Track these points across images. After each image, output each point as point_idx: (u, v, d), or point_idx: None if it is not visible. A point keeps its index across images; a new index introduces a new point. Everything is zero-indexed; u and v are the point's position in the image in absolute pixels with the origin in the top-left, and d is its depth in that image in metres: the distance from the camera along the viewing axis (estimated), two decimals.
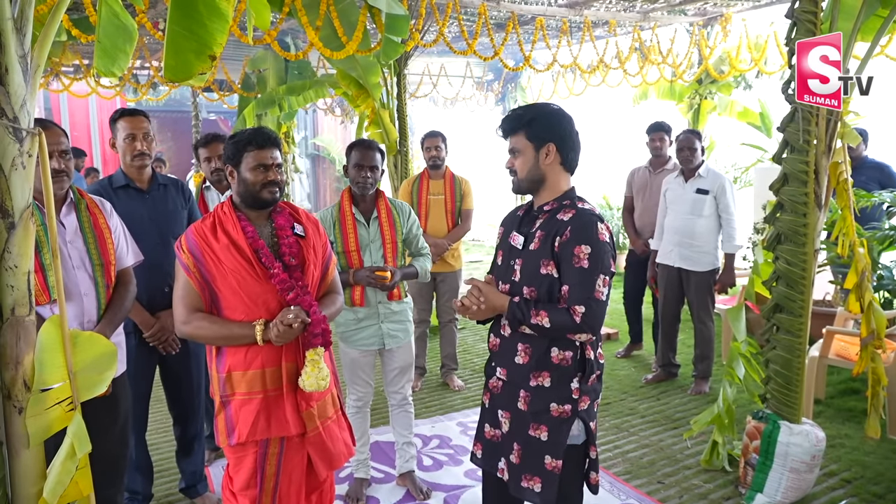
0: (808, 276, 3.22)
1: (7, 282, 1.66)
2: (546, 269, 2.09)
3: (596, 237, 2.03)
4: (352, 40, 5.17)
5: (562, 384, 2.11)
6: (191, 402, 3.32)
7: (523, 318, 2.06)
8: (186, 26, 2.36)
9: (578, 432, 2.14)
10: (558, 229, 2.07)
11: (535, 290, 2.11)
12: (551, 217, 2.13)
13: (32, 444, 1.68)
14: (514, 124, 2.17)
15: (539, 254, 2.11)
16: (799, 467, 3.26)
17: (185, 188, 3.29)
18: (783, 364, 3.30)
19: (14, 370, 1.67)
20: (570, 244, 2.03)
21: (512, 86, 11.51)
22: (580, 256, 2.02)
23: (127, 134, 3.00)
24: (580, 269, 2.02)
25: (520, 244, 2.19)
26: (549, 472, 2.10)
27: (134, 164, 3.03)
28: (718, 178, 4.69)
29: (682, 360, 5.28)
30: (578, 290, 2.01)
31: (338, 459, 2.39)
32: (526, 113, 2.17)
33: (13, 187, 1.65)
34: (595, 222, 2.06)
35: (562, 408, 2.10)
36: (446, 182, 4.96)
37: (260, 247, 2.25)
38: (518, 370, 2.15)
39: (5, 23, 1.60)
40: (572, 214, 2.08)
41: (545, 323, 2.02)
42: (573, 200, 2.15)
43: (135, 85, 9.85)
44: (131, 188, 3.05)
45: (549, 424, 2.11)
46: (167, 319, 3.01)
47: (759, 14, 7.91)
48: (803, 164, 3.16)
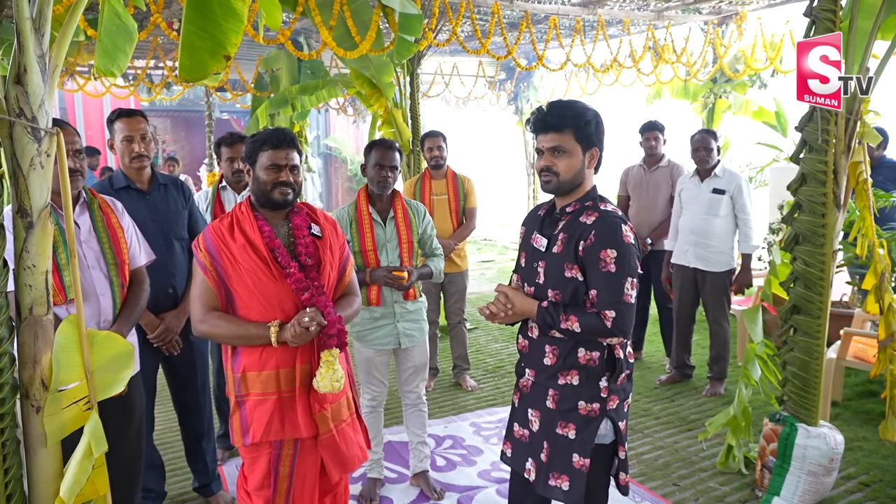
0: (826, 278, 3.19)
1: (25, 281, 1.66)
2: (570, 272, 2.07)
3: (621, 240, 2.01)
4: (365, 40, 5.17)
5: (590, 382, 2.09)
6: (194, 402, 3.31)
7: (553, 323, 2.05)
8: (201, 26, 2.37)
9: (607, 431, 2.12)
10: (582, 233, 2.05)
11: (559, 294, 2.10)
12: (574, 219, 2.10)
13: (50, 443, 1.69)
14: (561, 121, 2.07)
15: (562, 257, 2.08)
16: (817, 470, 3.22)
17: (185, 187, 3.27)
18: (801, 366, 3.26)
19: (32, 369, 1.67)
20: (596, 248, 2.01)
21: (524, 85, 11.48)
22: (607, 260, 2.00)
23: (124, 136, 2.98)
24: (608, 274, 2.00)
25: (542, 246, 2.16)
26: (576, 470, 2.08)
27: (132, 165, 3.02)
28: (735, 178, 4.66)
29: (695, 362, 5.24)
30: (607, 295, 2.00)
31: (351, 463, 2.37)
32: (577, 111, 2.07)
33: (32, 187, 1.66)
34: (619, 224, 2.03)
35: (590, 406, 2.09)
36: (448, 181, 4.93)
37: (276, 246, 2.25)
38: (546, 370, 2.15)
39: (24, 22, 1.61)
40: (595, 217, 2.05)
41: (575, 328, 2.01)
42: (595, 201, 2.12)
43: (149, 85, 9.89)
44: (132, 189, 3.03)
45: (577, 423, 2.10)
46: (171, 321, 3.01)
47: (774, 12, 7.85)
48: (822, 163, 3.12)
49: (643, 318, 5.57)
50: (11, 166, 1.64)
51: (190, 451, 3.38)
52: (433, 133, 5.01)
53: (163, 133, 16.79)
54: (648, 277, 5.28)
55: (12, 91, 1.64)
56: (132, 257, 2.59)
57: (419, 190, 4.93)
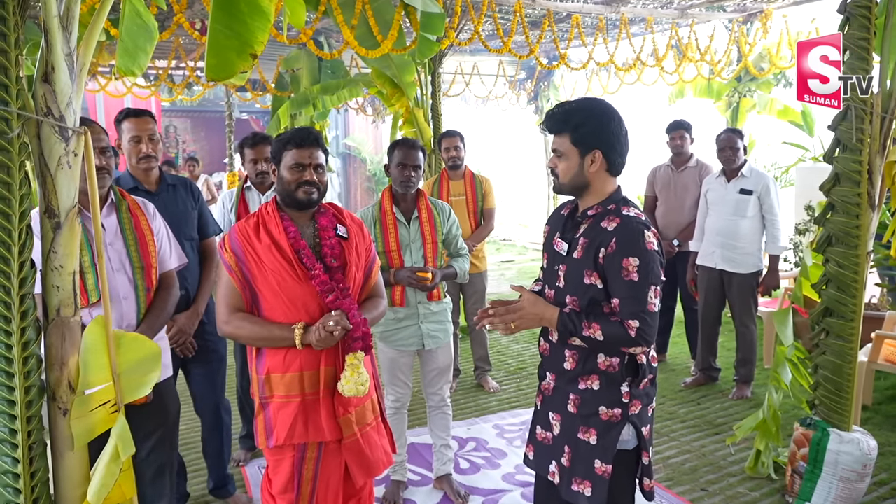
0: (860, 280, 3.11)
1: (53, 282, 1.65)
2: (589, 279, 2.01)
3: (644, 247, 1.94)
4: (387, 39, 5.15)
5: (611, 387, 2.04)
6: (212, 403, 3.29)
7: (575, 331, 1.99)
8: (228, 25, 2.35)
9: (629, 437, 2.07)
10: (602, 239, 1.98)
11: (577, 300, 2.05)
12: (595, 224, 2.04)
13: (77, 446, 1.68)
14: (559, 125, 2.05)
15: (582, 263, 2.03)
16: (849, 476, 3.14)
17: (193, 187, 3.24)
18: (833, 370, 3.19)
19: (59, 371, 1.66)
20: (617, 256, 1.95)
21: (545, 84, 11.40)
22: (629, 269, 1.93)
23: (132, 136, 2.93)
24: (630, 283, 1.94)
25: (563, 250, 2.11)
26: (598, 476, 2.04)
27: (140, 166, 2.97)
28: (762, 178, 4.58)
29: (721, 364, 5.16)
30: (630, 304, 1.94)
31: (376, 467, 2.34)
32: (572, 114, 2.03)
33: (59, 187, 1.64)
34: (642, 231, 1.96)
35: (611, 411, 2.04)
36: (466, 182, 4.88)
37: (301, 247, 2.22)
38: (567, 375, 2.10)
39: (52, 20, 1.59)
40: (617, 224, 1.99)
41: (598, 336, 1.95)
42: (618, 205, 2.05)
43: (170, 85, 9.94)
44: (140, 190, 2.98)
45: (599, 428, 2.05)
46: (184, 322, 2.97)
47: (800, 10, 7.73)
48: (856, 163, 3.05)
49: (669, 320, 5.49)
50: (39, 166, 1.63)
51: (205, 451, 3.39)
52: (450, 133, 4.95)
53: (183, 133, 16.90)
54: (675, 279, 5.21)
55: (40, 90, 1.62)
56: (161, 261, 2.56)
57: (437, 190, 4.88)
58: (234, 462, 3.80)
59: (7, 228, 1.55)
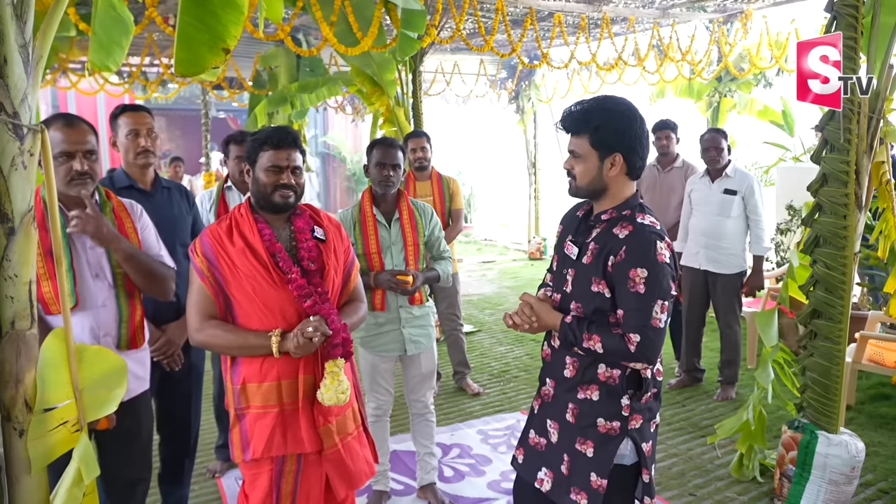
0: (848, 281, 3.07)
1: (6, 293, 1.52)
2: (597, 287, 1.92)
3: (654, 259, 1.84)
4: (367, 36, 5.04)
5: (611, 399, 1.95)
6: (184, 422, 3.07)
7: (575, 341, 1.92)
8: (199, 17, 2.24)
9: (628, 452, 1.97)
10: (612, 247, 1.89)
11: (581, 307, 1.97)
12: (607, 230, 1.94)
13: (35, 469, 1.55)
14: (577, 126, 1.95)
15: (591, 269, 1.94)
16: (838, 479, 3.10)
17: (188, 193, 3.12)
18: (821, 372, 3.14)
19: (14, 389, 1.54)
20: (626, 266, 1.85)
21: (526, 83, 11.33)
22: (636, 280, 1.83)
23: (130, 130, 2.81)
24: (636, 295, 1.84)
25: (574, 254, 2.02)
26: (594, 490, 1.95)
27: (137, 161, 2.84)
28: (746, 178, 4.54)
29: (705, 365, 5.11)
30: (634, 317, 1.84)
31: (358, 478, 2.25)
32: (592, 114, 1.93)
33: (13, 189, 1.52)
34: (654, 241, 1.86)
35: (610, 424, 1.95)
36: (433, 183, 4.75)
37: (277, 251, 2.12)
38: (566, 383, 2.02)
39: (4, 8, 1.47)
40: (629, 232, 1.89)
41: (598, 348, 1.88)
42: (633, 212, 1.94)
43: (144, 82, 9.74)
44: (134, 189, 2.85)
45: (596, 440, 1.96)
46: (174, 332, 2.80)
47: (780, 11, 7.74)
48: (844, 163, 3.00)
49: None
50: None
51: (169, 475, 3.10)
52: (417, 133, 4.85)
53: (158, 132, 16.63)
54: None
55: None
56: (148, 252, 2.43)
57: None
58: (209, 473, 3.69)
59: None
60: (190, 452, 3.15)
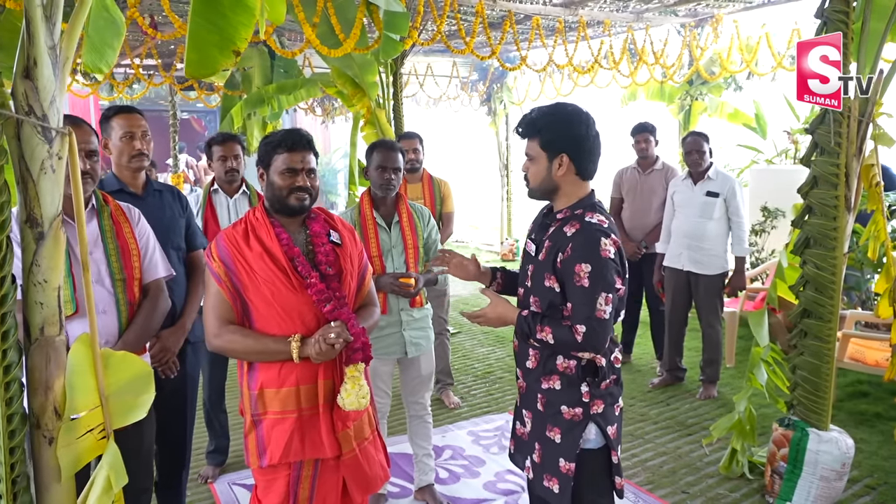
0: (837, 281, 3.15)
1: (36, 298, 1.49)
2: (549, 282, 2.06)
3: (598, 254, 1.97)
4: (349, 38, 5.01)
5: (571, 388, 2.09)
6: (180, 432, 3.00)
7: (529, 333, 2.05)
8: (209, 19, 2.22)
9: (595, 436, 2.10)
10: (561, 244, 2.03)
11: (539, 301, 2.10)
12: (559, 228, 2.08)
13: (64, 477, 1.52)
14: (529, 129, 2.10)
15: (544, 266, 2.08)
16: (829, 475, 3.18)
17: (181, 195, 3.05)
18: (811, 370, 3.22)
19: (44, 396, 1.51)
20: (571, 262, 1.99)
21: (498, 86, 11.38)
22: (580, 275, 1.97)
23: (125, 132, 2.73)
24: (581, 288, 1.97)
25: (532, 251, 2.18)
26: (563, 474, 2.08)
27: (131, 165, 2.77)
28: (728, 181, 4.63)
29: (686, 364, 5.20)
30: (579, 310, 1.98)
31: (374, 483, 2.24)
32: (540, 118, 2.08)
33: (42, 193, 1.49)
34: (598, 238, 1.98)
35: (573, 411, 2.08)
36: (424, 185, 4.71)
37: (295, 255, 2.10)
38: (531, 374, 2.17)
39: (34, 10, 1.44)
40: (576, 229, 2.02)
41: (549, 339, 2.00)
42: (584, 211, 2.07)
43: (114, 83, 9.54)
44: (125, 193, 2.77)
45: (562, 427, 2.09)
46: (169, 338, 2.70)
47: (750, 15, 7.90)
48: (834, 166, 3.08)
49: (634, 321, 5.52)
50: (20, 171, 1.47)
51: (165, 484, 3.03)
52: (409, 135, 4.81)
53: None
54: (641, 281, 5.23)
55: (20, 86, 1.46)
56: (147, 269, 2.37)
57: None
58: (201, 479, 3.63)
59: None
60: (185, 463, 3.10)
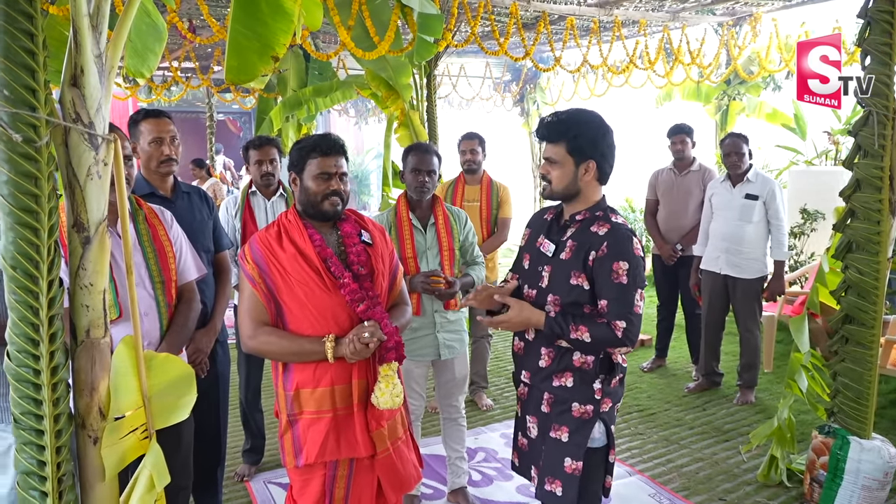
0: (880, 287, 3.08)
1: (82, 301, 1.53)
2: (576, 279, 2.09)
3: (632, 253, 2.05)
4: (384, 40, 5.04)
5: (584, 384, 2.12)
6: (213, 431, 3.05)
7: (562, 333, 2.06)
8: (249, 26, 2.24)
9: (600, 435, 2.14)
10: (592, 243, 2.08)
11: (558, 299, 2.12)
12: (584, 228, 2.12)
13: (108, 476, 1.56)
14: (555, 135, 2.13)
15: (570, 264, 2.10)
16: (871, 485, 3.11)
17: (208, 197, 3.09)
18: (853, 377, 3.16)
19: (89, 397, 1.54)
20: (608, 260, 2.04)
21: (531, 86, 11.35)
22: (619, 272, 2.03)
23: (154, 137, 2.76)
24: (619, 285, 2.03)
25: (550, 251, 2.18)
26: (568, 475, 2.09)
27: (160, 170, 2.81)
28: (768, 183, 4.54)
29: (723, 369, 5.12)
30: (618, 306, 2.03)
31: (408, 482, 2.25)
32: (569, 124, 2.11)
33: (89, 199, 1.53)
34: (630, 237, 2.08)
35: (584, 408, 2.11)
36: (483, 188, 4.65)
37: (328, 256, 2.13)
38: (541, 372, 2.17)
39: (81, 19, 1.48)
40: (608, 229, 2.08)
41: (585, 338, 2.03)
42: (606, 212, 2.15)
43: (152, 85, 9.72)
44: (156, 196, 2.81)
45: (571, 425, 2.11)
46: (201, 339, 2.75)
47: (789, 14, 7.77)
48: (878, 169, 3.02)
49: (669, 324, 5.46)
50: (67, 176, 1.51)
51: (202, 485, 3.06)
52: (470, 135, 4.72)
53: None
54: (677, 284, 5.18)
55: (68, 94, 1.50)
56: (181, 272, 2.42)
57: (451, 194, 4.66)
58: (237, 477, 3.68)
59: (35, 244, 1.43)
60: (220, 461, 3.15)
